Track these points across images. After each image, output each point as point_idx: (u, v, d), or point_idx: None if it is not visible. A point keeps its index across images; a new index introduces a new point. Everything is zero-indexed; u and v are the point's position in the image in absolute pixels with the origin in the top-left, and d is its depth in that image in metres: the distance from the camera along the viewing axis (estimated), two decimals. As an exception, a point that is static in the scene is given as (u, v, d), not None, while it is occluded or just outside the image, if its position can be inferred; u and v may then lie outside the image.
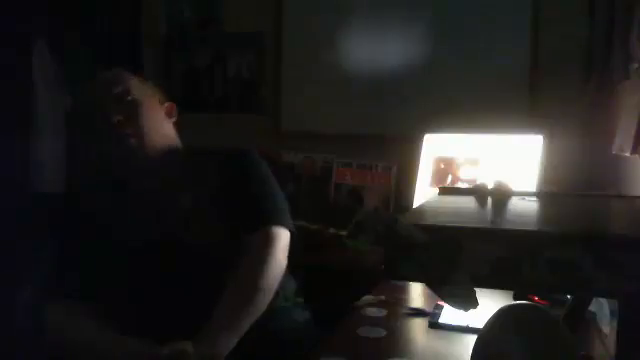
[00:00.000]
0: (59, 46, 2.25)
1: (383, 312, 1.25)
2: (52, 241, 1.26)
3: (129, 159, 1.26)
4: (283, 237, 1.25)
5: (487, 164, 1.67)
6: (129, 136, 1.25)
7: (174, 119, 1.38)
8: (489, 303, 0.81)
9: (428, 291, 1.24)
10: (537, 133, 1.60)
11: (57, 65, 2.27)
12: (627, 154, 1.29)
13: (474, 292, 0.63)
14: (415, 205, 1.75)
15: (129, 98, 1.27)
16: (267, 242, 1.22)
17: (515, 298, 1.13)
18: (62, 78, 2.32)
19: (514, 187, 0.88)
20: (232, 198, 1.27)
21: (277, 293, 1.21)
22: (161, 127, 1.32)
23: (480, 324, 0.82)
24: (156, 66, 2.60)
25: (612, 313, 0.98)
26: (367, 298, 1.32)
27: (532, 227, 0.71)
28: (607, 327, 1.02)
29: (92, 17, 2.42)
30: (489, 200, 0.85)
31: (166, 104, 1.38)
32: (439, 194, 0.94)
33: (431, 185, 1.76)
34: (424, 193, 1.75)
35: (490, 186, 0.87)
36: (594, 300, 1.03)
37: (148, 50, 2.59)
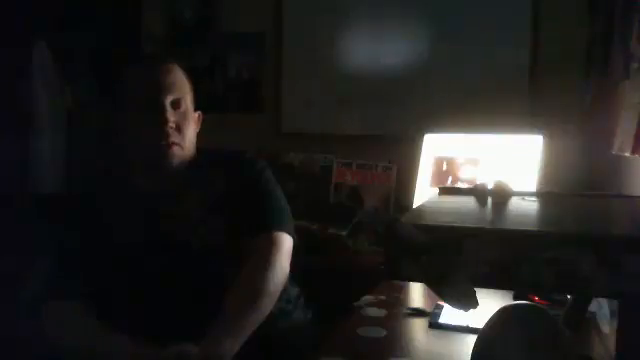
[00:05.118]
0: (59, 46, 2.26)
1: (383, 312, 1.24)
2: (53, 241, 1.26)
3: (163, 166, 1.25)
4: (286, 242, 1.25)
5: (487, 164, 1.67)
6: (174, 145, 1.23)
7: (197, 129, 1.35)
8: (489, 303, 0.81)
9: (428, 291, 1.24)
10: (537, 133, 1.60)
11: (57, 65, 2.27)
12: (627, 154, 1.28)
13: (474, 292, 0.63)
14: (415, 205, 1.74)
15: (183, 107, 1.26)
16: (271, 246, 1.22)
17: (515, 298, 1.13)
18: (62, 78, 2.32)
19: (514, 187, 0.88)
20: (237, 203, 1.27)
21: (280, 296, 1.22)
22: (194, 137, 1.31)
23: (480, 324, 0.82)
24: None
25: (612, 313, 0.98)
26: (367, 298, 1.32)
27: (532, 227, 0.71)
28: (607, 327, 1.02)
29: (92, 17, 2.42)
30: (489, 200, 0.85)
31: (196, 113, 1.34)
32: (439, 194, 0.94)
33: (431, 185, 1.76)
34: (424, 193, 1.75)
35: (490, 186, 0.87)
36: (594, 300, 1.03)
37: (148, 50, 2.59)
